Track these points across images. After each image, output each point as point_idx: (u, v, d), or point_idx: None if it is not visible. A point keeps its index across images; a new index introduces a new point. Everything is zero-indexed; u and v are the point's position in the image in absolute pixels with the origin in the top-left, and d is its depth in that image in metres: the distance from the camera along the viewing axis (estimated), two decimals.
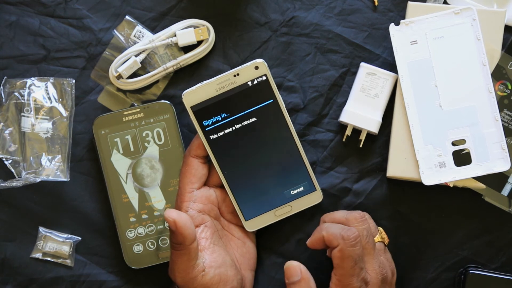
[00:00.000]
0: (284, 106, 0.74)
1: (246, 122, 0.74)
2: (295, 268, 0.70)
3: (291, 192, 0.76)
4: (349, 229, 0.69)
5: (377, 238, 0.72)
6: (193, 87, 0.73)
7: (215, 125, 0.74)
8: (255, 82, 0.73)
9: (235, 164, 0.74)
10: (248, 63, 0.74)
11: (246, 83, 0.73)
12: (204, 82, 0.73)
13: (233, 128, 0.74)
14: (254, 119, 0.74)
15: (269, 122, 0.74)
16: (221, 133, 0.74)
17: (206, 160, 0.75)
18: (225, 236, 0.76)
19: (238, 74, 0.73)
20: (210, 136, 0.74)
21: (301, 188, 0.76)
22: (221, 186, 0.76)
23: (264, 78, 0.74)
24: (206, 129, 0.74)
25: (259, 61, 0.74)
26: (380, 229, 0.74)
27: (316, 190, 0.76)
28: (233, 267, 0.73)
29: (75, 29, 0.81)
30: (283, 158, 0.75)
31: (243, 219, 0.75)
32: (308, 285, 0.70)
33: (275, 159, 0.75)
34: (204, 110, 0.73)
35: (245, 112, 0.74)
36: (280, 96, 0.74)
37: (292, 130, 0.75)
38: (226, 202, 0.76)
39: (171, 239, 0.70)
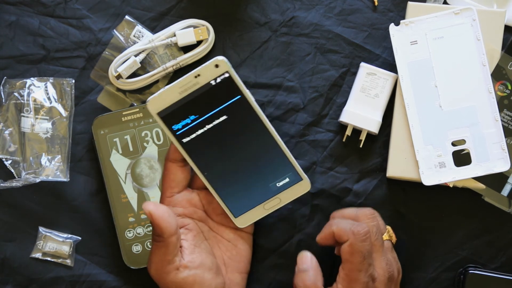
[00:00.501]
0: (253, 100, 0.72)
1: (216, 121, 0.72)
2: (307, 257, 0.72)
3: (277, 184, 0.74)
4: (360, 225, 0.69)
5: (385, 236, 0.72)
6: (156, 94, 0.70)
7: (186, 128, 0.71)
8: (218, 80, 0.70)
9: (213, 164, 0.73)
10: (207, 62, 0.70)
11: (209, 83, 0.70)
12: (166, 87, 0.70)
13: (205, 128, 0.72)
14: (224, 117, 0.72)
15: (241, 118, 0.72)
16: (193, 135, 0.72)
17: (185, 163, 0.74)
18: (213, 238, 0.75)
19: (199, 75, 0.70)
20: (183, 140, 0.72)
21: (287, 179, 0.75)
22: (206, 188, 0.74)
23: (226, 75, 0.70)
24: (177, 133, 0.71)
25: (219, 58, 0.70)
26: (388, 227, 0.74)
27: (302, 179, 0.74)
28: (212, 271, 0.72)
29: (74, 29, 0.81)
30: (262, 151, 0.73)
31: (232, 216, 0.74)
32: (316, 276, 0.71)
33: (253, 154, 0.73)
34: (172, 114, 0.71)
35: (214, 111, 0.71)
36: (247, 90, 0.71)
37: (266, 122, 0.72)
38: (214, 204, 0.75)
39: (152, 231, 0.70)
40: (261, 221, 0.76)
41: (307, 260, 0.72)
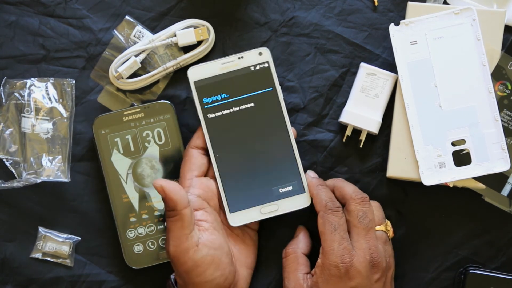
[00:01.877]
0: (282, 96, 0.76)
1: (244, 106, 0.76)
2: (298, 229, 0.78)
3: (280, 190, 0.75)
4: (335, 202, 0.73)
5: (381, 227, 0.73)
6: (200, 64, 0.76)
7: (214, 104, 0.76)
8: (257, 67, 0.76)
9: (227, 148, 0.76)
10: (253, 49, 0.76)
11: (248, 67, 0.76)
12: (210, 61, 0.76)
13: (231, 110, 0.76)
14: (252, 104, 0.76)
15: (267, 110, 0.76)
16: (219, 113, 0.76)
17: (206, 152, 0.76)
18: (225, 230, 0.75)
19: (242, 57, 0.76)
20: (208, 115, 0.76)
21: (290, 187, 0.75)
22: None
23: (266, 65, 0.76)
24: (205, 107, 0.76)
25: (264, 48, 0.76)
26: (388, 221, 0.74)
27: (305, 192, 0.76)
28: (229, 257, 0.73)
29: (75, 29, 0.81)
30: (276, 150, 0.76)
31: (227, 210, 0.75)
32: (297, 244, 0.76)
33: (268, 150, 0.76)
34: (206, 87, 0.76)
35: (244, 96, 0.76)
36: (279, 86, 0.76)
37: (288, 122, 0.76)
38: None
39: (165, 208, 0.71)
40: (262, 220, 0.76)
41: (297, 231, 0.78)
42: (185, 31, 0.80)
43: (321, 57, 0.81)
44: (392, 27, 0.78)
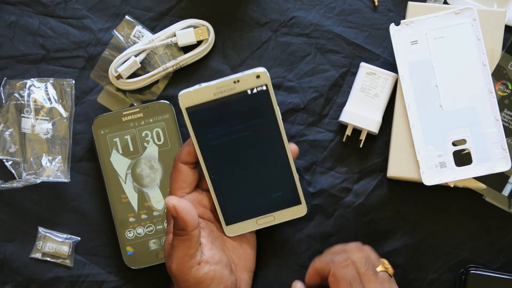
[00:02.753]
0: (281, 118, 0.72)
1: (240, 130, 0.72)
2: (296, 286, 0.74)
3: (276, 201, 0.74)
4: (339, 255, 0.71)
5: (381, 268, 0.72)
6: (191, 89, 0.70)
7: (209, 129, 0.71)
8: (255, 91, 0.70)
9: (223, 170, 0.73)
10: (250, 71, 0.70)
11: (245, 91, 0.70)
12: (203, 84, 0.70)
13: (227, 133, 0.72)
14: (249, 127, 0.72)
15: (264, 133, 0.72)
16: (214, 137, 0.72)
17: (196, 165, 0.74)
18: (220, 238, 0.75)
19: (238, 81, 0.70)
20: (202, 139, 0.72)
21: (286, 199, 0.75)
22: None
23: (264, 88, 0.70)
24: (199, 131, 0.71)
25: (261, 70, 0.70)
26: (383, 260, 0.73)
27: (301, 204, 0.75)
28: (229, 268, 0.73)
29: (74, 29, 0.81)
30: (273, 170, 0.73)
31: (223, 223, 0.74)
32: None
33: (264, 170, 0.73)
34: (200, 113, 0.71)
35: (241, 121, 0.71)
36: (278, 108, 0.72)
37: (286, 144, 0.72)
38: None
39: (174, 225, 0.70)
40: None
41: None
42: (185, 31, 0.80)
43: (321, 57, 0.81)
44: (392, 27, 0.77)
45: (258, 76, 0.70)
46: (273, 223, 0.75)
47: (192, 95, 0.70)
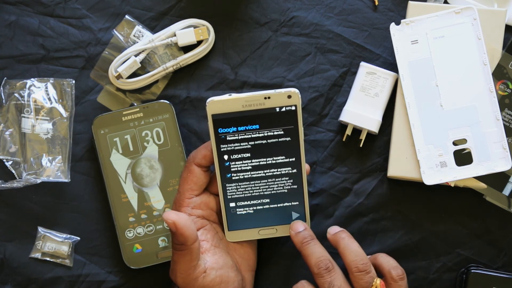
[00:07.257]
0: (303, 138, 0.73)
1: (261, 143, 0.72)
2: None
3: (281, 216, 0.75)
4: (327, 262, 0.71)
5: None
6: (220, 97, 0.71)
7: (231, 137, 0.72)
8: (283, 109, 0.71)
9: (237, 179, 0.73)
10: (282, 90, 0.71)
11: (273, 108, 0.71)
12: (233, 95, 0.71)
13: (247, 145, 0.72)
14: (271, 143, 0.72)
15: (284, 150, 0.73)
16: (233, 147, 0.72)
17: (208, 168, 0.75)
18: (225, 239, 0.76)
19: (269, 97, 0.71)
20: (221, 146, 0.72)
21: (292, 216, 0.75)
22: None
23: (293, 108, 0.71)
24: (220, 138, 0.72)
25: (294, 91, 0.71)
26: (377, 279, 0.71)
27: (305, 221, 0.75)
28: (234, 268, 0.73)
29: (74, 28, 0.81)
30: (285, 186, 0.74)
31: (226, 228, 0.75)
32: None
33: (276, 185, 0.74)
34: (225, 121, 0.71)
35: (264, 137, 0.72)
36: (302, 128, 0.72)
37: (303, 164, 0.73)
38: None
39: (172, 240, 0.70)
40: None
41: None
42: (185, 31, 0.80)
43: (321, 57, 0.81)
44: (393, 26, 0.77)
45: (289, 96, 0.71)
46: (275, 235, 0.75)
47: (221, 104, 0.71)
